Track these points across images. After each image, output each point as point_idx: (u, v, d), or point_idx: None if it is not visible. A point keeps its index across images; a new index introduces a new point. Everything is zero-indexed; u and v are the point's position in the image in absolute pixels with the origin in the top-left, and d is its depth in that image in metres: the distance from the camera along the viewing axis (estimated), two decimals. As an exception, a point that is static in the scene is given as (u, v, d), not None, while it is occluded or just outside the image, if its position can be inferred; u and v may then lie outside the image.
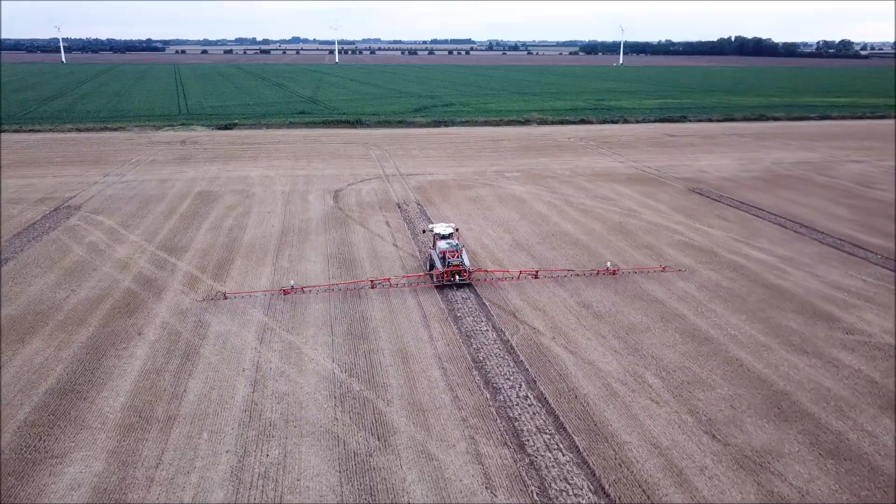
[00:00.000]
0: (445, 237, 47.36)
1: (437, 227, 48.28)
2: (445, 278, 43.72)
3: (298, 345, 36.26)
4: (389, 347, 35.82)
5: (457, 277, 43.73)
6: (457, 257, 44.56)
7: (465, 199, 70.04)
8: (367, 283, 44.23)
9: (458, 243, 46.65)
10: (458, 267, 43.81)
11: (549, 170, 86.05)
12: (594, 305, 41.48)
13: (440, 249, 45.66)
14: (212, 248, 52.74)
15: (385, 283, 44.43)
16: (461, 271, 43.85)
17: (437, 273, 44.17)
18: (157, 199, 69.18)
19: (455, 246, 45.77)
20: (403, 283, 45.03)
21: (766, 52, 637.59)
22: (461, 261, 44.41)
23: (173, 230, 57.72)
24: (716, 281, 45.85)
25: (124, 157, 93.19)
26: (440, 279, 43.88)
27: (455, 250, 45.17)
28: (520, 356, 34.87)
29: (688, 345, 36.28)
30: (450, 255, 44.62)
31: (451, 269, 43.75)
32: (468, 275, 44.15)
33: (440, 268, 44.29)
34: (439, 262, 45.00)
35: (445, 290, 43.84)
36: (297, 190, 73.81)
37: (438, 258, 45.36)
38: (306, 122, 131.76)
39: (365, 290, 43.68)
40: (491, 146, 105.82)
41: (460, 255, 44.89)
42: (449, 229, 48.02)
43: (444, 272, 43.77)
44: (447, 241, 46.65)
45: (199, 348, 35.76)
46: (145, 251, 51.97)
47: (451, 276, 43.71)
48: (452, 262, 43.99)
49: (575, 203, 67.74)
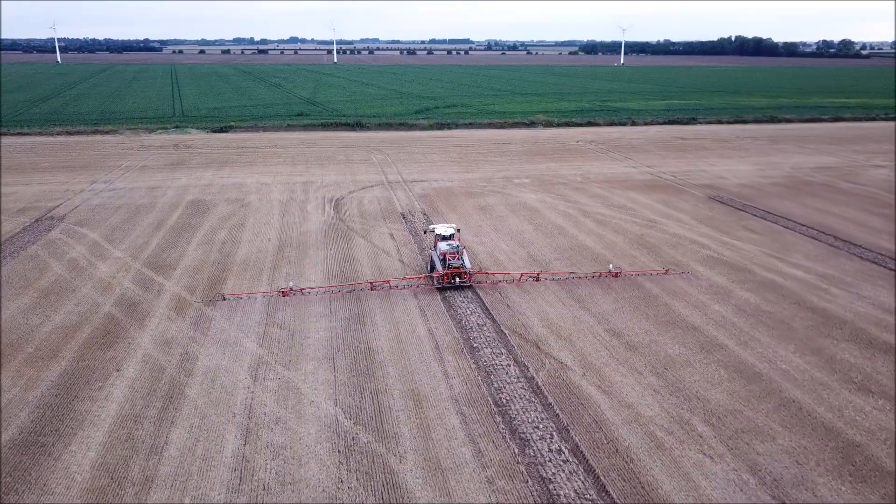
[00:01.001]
0: (446, 238, 46.59)
1: (439, 228, 47.50)
2: (446, 280, 43.06)
3: (297, 383, 32.15)
4: (399, 387, 31.69)
5: (457, 280, 43.06)
6: (457, 259, 43.81)
7: (474, 208, 65.93)
8: (366, 285, 43.47)
9: (460, 245, 45.90)
10: (458, 269, 43.16)
11: (560, 176, 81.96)
12: (625, 334, 37.39)
13: (441, 251, 44.86)
14: (202, 266, 48.57)
15: (385, 284, 43.63)
16: (462, 273, 43.17)
17: (438, 275, 43.50)
18: (146, 208, 64.98)
19: (456, 247, 44.99)
20: (403, 286, 44.07)
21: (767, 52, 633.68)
22: (462, 262, 43.70)
23: (161, 244, 53.55)
24: (754, 304, 41.77)
25: (114, 163, 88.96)
26: (440, 281, 43.19)
27: (456, 252, 44.41)
28: (548, 398, 30.77)
29: (735, 382, 32.19)
30: (450, 257, 43.90)
31: (452, 270, 43.11)
32: (469, 277, 43.48)
33: (440, 269, 43.59)
34: (440, 263, 44.22)
35: (456, 310, 39.79)
36: (294, 198, 69.65)
37: (439, 260, 44.56)
38: (304, 124, 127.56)
39: (370, 310, 39.61)
40: (497, 150, 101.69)
41: (461, 257, 44.16)
42: (450, 230, 47.22)
43: (445, 274, 43.09)
44: (448, 242, 45.90)
45: (185, 388, 31.62)
46: (130, 269, 47.80)
47: (451, 278, 43.05)
48: (453, 264, 43.30)
49: (591, 213, 63.63)
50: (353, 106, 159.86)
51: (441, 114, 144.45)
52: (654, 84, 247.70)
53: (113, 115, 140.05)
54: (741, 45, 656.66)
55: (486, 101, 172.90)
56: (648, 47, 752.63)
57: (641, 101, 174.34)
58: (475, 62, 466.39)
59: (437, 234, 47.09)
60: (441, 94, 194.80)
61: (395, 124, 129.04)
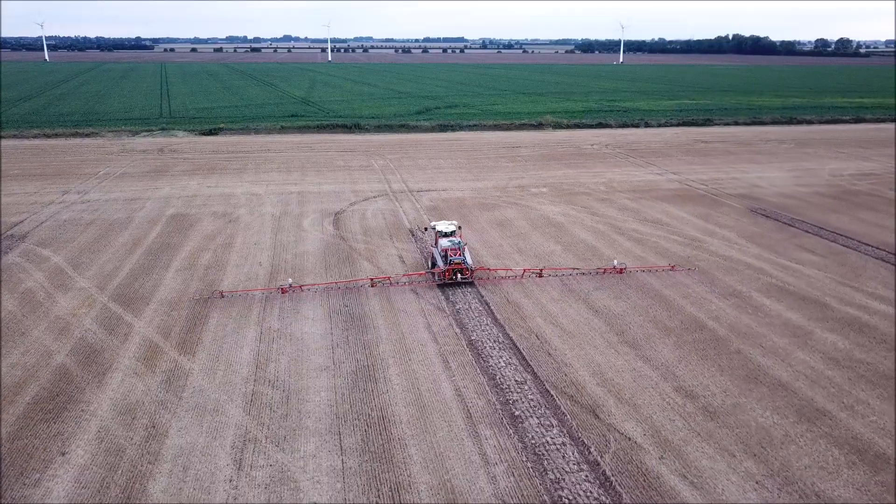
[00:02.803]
0: (447, 234, 46.17)
1: (440, 225, 47.19)
2: (447, 276, 42.70)
3: (292, 471, 24.90)
4: (426, 480, 24.45)
5: (458, 276, 42.65)
6: (459, 255, 43.38)
7: (491, 223, 58.69)
8: (367, 282, 43.31)
9: (461, 241, 45.42)
10: (460, 265, 42.72)
11: (581, 184, 74.80)
12: (700, 394, 30.22)
13: (442, 247, 44.45)
14: (181, 298, 41.20)
15: (385, 281, 43.37)
16: (463, 269, 42.73)
17: (439, 271, 43.19)
18: (121, 225, 57.49)
19: (457, 244, 44.53)
20: (404, 282, 43.65)
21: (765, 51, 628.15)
22: (463, 259, 43.35)
23: (135, 270, 46.13)
24: (845, 350, 34.69)
25: (91, 169, 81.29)
26: (442, 277, 42.88)
27: (457, 248, 43.94)
28: (616, 487, 23.60)
29: (857, 470, 25.08)
30: (452, 253, 43.41)
31: (453, 267, 42.65)
32: (470, 273, 43.16)
33: (442, 266, 43.28)
34: (441, 260, 43.89)
35: (487, 360, 32.60)
36: (289, 212, 62.25)
37: (440, 256, 44.23)
38: (299, 126, 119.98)
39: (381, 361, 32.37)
40: (507, 154, 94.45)
41: (462, 254, 43.76)
42: (451, 227, 46.99)
43: (446, 270, 42.64)
44: (449, 238, 45.57)
45: (148, 482, 24.31)
46: (95, 303, 40.38)
47: (452, 274, 42.63)
48: (454, 260, 42.89)
49: (625, 230, 56.47)
50: (349, 106, 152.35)
51: (443, 114, 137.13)
52: (658, 83, 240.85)
53: (96, 116, 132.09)
54: (739, 44, 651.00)
55: (488, 101, 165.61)
56: (645, 46, 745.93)
57: (650, 101, 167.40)
58: (472, 61, 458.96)
59: (438, 231, 46.50)
60: (441, 93, 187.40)
61: (396, 126, 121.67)
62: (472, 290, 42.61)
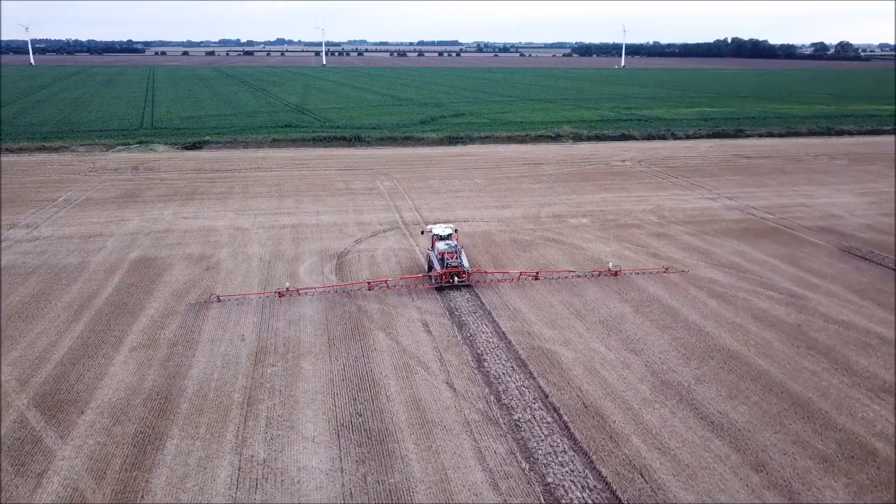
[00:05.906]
0: (444, 238, 46.10)
1: (436, 229, 47.05)
2: (444, 279, 42.67)
3: None
4: None
5: (455, 279, 42.64)
6: (456, 258, 43.42)
7: (531, 267, 47.40)
8: (363, 285, 43.01)
9: (458, 244, 45.49)
10: (457, 268, 42.74)
11: (625, 212, 63.68)
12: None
13: (439, 251, 44.50)
14: (130, 402, 29.73)
15: (382, 284, 43.32)
16: (460, 272, 42.75)
17: (436, 274, 43.11)
18: (71, 274, 45.97)
19: (454, 247, 44.61)
20: (401, 285, 43.44)
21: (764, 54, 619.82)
22: (460, 262, 43.25)
23: (74, 351, 34.63)
24: None
25: (50, 194, 69.62)
26: (439, 280, 42.81)
27: (454, 251, 44.00)
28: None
29: None
30: (449, 257, 43.46)
31: (450, 270, 42.68)
32: (467, 276, 43.12)
33: (439, 269, 43.13)
34: (438, 263, 43.69)
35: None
36: (281, 254, 50.86)
37: (437, 259, 44.07)
38: (293, 138, 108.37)
39: (396, 444, 21.14)
40: (530, 173, 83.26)
41: (459, 257, 43.72)
42: (448, 230, 46.83)
43: (443, 273, 42.64)
44: (446, 241, 45.57)
45: None
46: (8, 411, 28.89)
47: (449, 277, 42.64)
48: (451, 264, 42.88)
49: (701, 281, 45.28)
50: (347, 114, 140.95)
51: (450, 124, 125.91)
52: (666, 88, 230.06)
53: (69, 126, 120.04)
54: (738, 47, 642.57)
55: (496, 109, 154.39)
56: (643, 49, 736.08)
57: (668, 109, 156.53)
58: (469, 64, 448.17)
59: (434, 235, 46.45)
60: (444, 100, 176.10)
61: (400, 138, 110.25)
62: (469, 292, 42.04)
